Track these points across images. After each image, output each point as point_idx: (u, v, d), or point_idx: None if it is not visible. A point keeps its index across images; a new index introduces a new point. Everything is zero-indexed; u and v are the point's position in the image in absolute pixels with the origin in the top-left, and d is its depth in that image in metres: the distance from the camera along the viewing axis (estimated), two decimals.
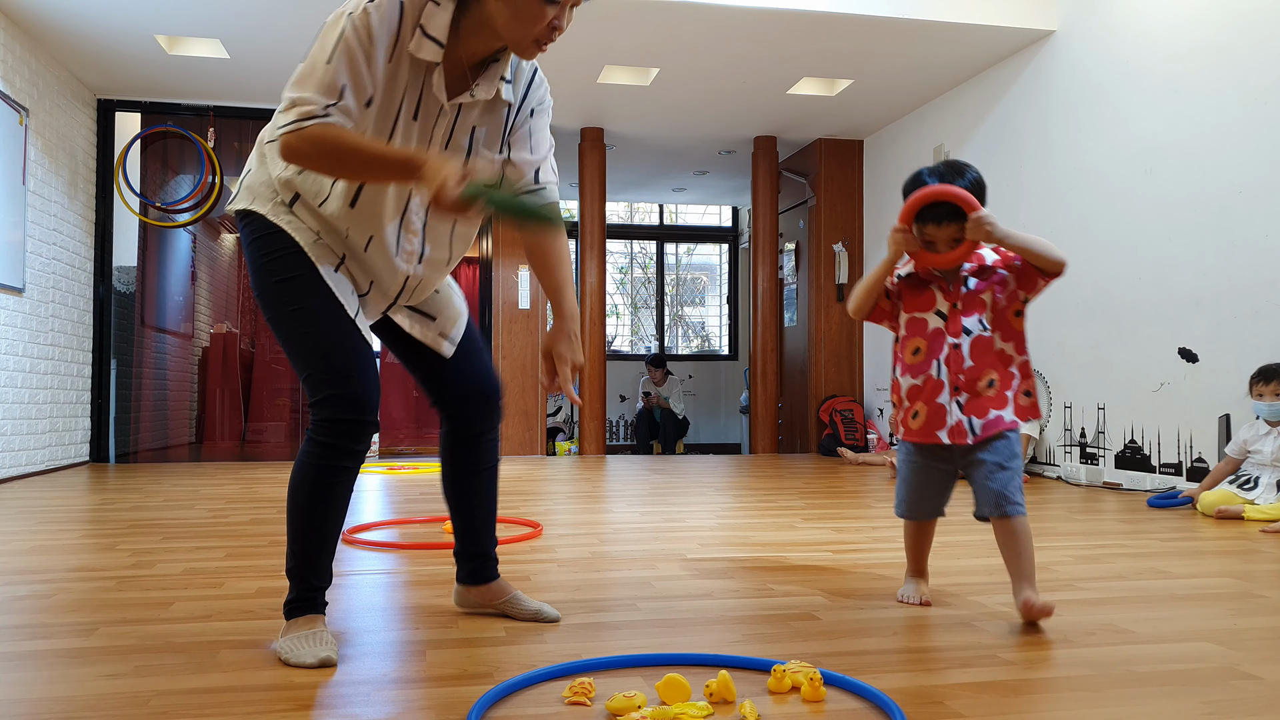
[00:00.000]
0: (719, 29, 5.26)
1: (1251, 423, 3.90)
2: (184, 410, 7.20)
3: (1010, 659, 1.74)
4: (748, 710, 1.41)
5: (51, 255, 5.65)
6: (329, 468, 1.74)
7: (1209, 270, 4.30)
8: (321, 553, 1.77)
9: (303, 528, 1.75)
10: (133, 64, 5.79)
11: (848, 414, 7.29)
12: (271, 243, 1.75)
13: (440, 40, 1.67)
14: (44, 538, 3.15)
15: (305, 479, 1.74)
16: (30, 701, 1.51)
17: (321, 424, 1.73)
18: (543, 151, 1.90)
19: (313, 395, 1.73)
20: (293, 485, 1.76)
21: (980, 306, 2.08)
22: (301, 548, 1.76)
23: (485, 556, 2.03)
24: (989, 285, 2.09)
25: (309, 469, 1.74)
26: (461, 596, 2.08)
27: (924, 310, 2.12)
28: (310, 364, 1.73)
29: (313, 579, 1.78)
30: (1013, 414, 2.05)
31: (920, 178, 2.08)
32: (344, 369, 1.73)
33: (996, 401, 2.06)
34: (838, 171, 7.58)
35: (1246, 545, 3.09)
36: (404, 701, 1.51)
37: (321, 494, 1.74)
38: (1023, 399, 2.08)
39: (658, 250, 10.97)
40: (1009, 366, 2.07)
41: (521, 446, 7.11)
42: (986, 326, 2.07)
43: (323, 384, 1.72)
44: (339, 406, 1.72)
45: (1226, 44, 4.24)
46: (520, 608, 2.02)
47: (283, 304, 1.75)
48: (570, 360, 1.86)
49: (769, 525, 3.48)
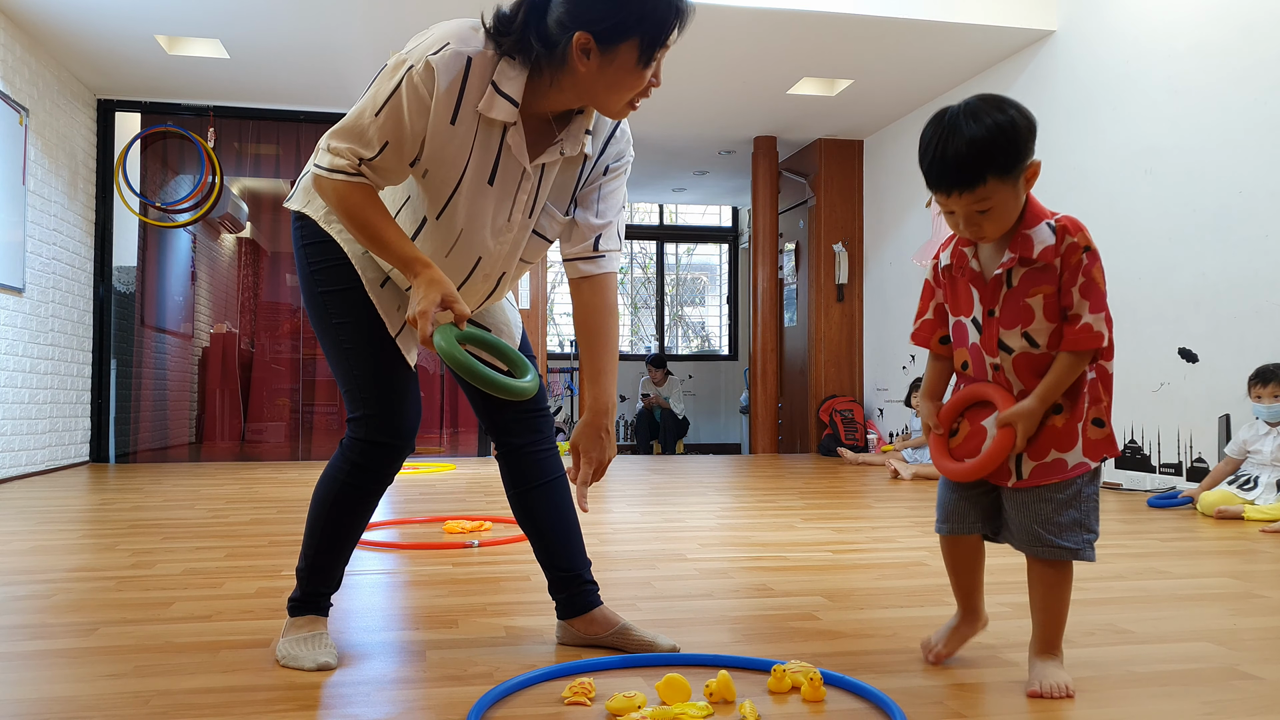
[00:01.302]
0: (719, 29, 5.26)
1: (1251, 423, 3.90)
2: (184, 410, 7.20)
3: (1010, 659, 1.74)
4: (748, 710, 1.41)
5: (51, 255, 5.64)
6: (356, 488, 1.71)
7: (1209, 270, 4.30)
8: (335, 563, 1.75)
9: (320, 537, 1.72)
10: (133, 64, 5.79)
11: (848, 414, 7.29)
12: (321, 251, 1.69)
13: (515, 99, 1.52)
14: (44, 538, 3.15)
15: (330, 493, 1.71)
16: (30, 701, 1.51)
17: (356, 443, 1.69)
18: (610, 215, 1.72)
19: (350, 411, 1.70)
20: (318, 494, 1.73)
21: (1025, 316, 1.52)
22: (315, 553, 1.73)
23: (577, 579, 1.82)
24: (1039, 284, 1.52)
25: (335, 484, 1.71)
26: (565, 632, 1.84)
27: (963, 314, 1.62)
28: (349, 380, 1.70)
29: (321, 585, 1.76)
30: (1081, 454, 1.54)
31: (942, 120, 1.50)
32: (383, 392, 1.68)
33: (1061, 438, 1.54)
34: (838, 171, 7.58)
35: (1246, 545, 3.09)
36: (404, 701, 1.51)
37: (345, 509, 1.72)
38: (1093, 430, 1.55)
39: (658, 250, 10.97)
40: (1078, 389, 1.54)
41: None
42: (1036, 342, 1.53)
43: (361, 402, 1.68)
44: (374, 429, 1.68)
45: (1226, 44, 4.24)
46: (632, 638, 1.78)
47: (327, 315, 1.70)
48: (598, 460, 1.72)
49: (769, 525, 3.48)
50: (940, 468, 1.62)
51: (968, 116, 1.47)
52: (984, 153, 1.45)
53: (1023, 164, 1.49)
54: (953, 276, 1.62)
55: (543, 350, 7.14)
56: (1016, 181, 1.49)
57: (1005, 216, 1.51)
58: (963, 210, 1.50)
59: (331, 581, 1.76)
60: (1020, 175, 1.49)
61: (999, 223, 1.51)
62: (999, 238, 1.54)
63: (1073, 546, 1.53)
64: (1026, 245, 1.51)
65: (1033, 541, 1.55)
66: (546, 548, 1.84)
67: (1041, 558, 1.55)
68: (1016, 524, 1.57)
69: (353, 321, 1.69)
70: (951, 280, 1.62)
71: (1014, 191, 1.49)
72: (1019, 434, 1.51)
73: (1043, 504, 1.54)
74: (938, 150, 1.48)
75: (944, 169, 1.48)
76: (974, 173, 1.46)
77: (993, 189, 1.47)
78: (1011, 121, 1.46)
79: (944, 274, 1.64)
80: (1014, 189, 1.49)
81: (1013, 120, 1.47)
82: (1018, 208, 1.52)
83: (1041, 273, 1.51)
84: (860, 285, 7.57)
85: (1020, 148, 1.47)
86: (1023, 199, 1.52)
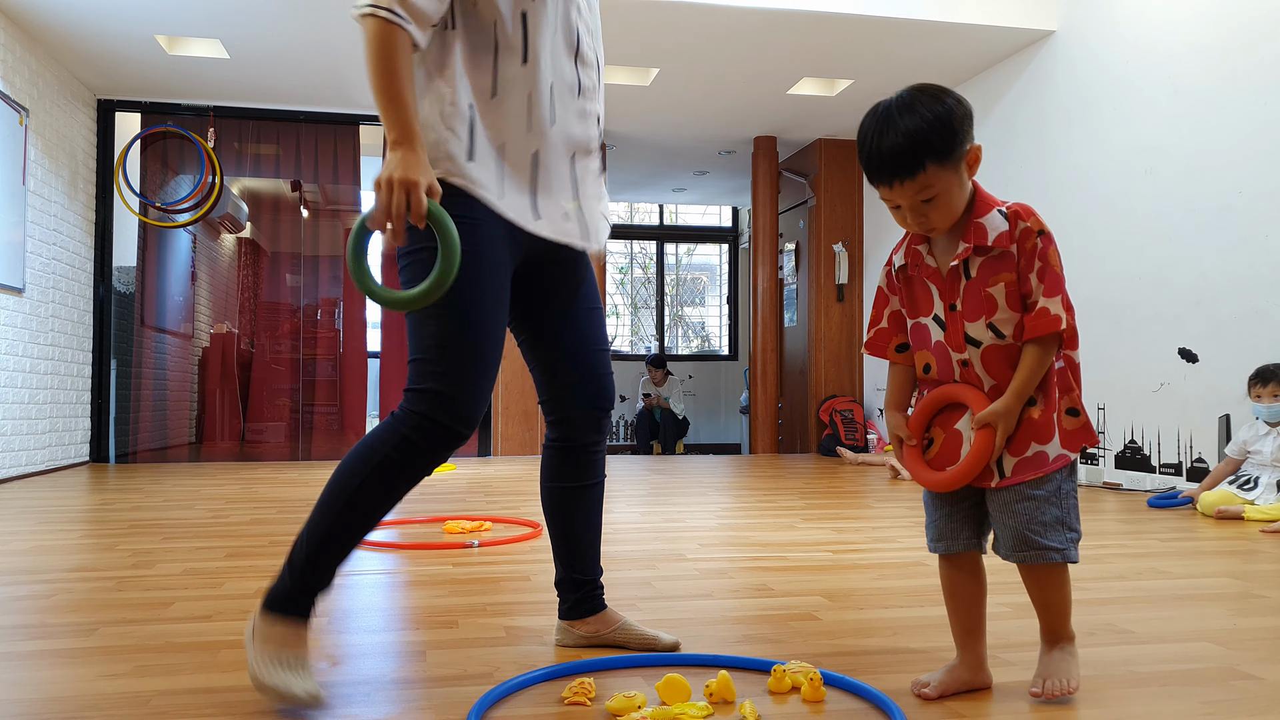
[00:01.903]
0: (719, 29, 5.26)
1: (1251, 423, 3.90)
2: (184, 410, 7.21)
3: (1010, 659, 1.74)
4: (748, 710, 1.41)
5: (51, 255, 5.64)
6: (399, 465, 1.51)
7: (1209, 270, 4.30)
8: (343, 553, 1.53)
9: (338, 517, 1.51)
10: (133, 64, 5.79)
11: (848, 414, 7.29)
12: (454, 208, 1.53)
13: None
14: (44, 538, 3.15)
15: (366, 464, 1.51)
16: (30, 701, 1.51)
17: (413, 416, 1.51)
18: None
19: (417, 382, 1.53)
20: (349, 466, 1.52)
21: (988, 306, 1.50)
22: (327, 539, 1.51)
23: (593, 584, 1.83)
24: (997, 272, 1.50)
25: (375, 455, 1.51)
26: (565, 633, 1.83)
27: (922, 314, 1.58)
28: (429, 343, 1.54)
29: (317, 581, 1.52)
30: (1060, 445, 1.50)
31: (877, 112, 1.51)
32: (465, 367, 1.54)
33: (1039, 430, 1.50)
34: (838, 171, 7.58)
35: (1246, 545, 3.09)
36: (404, 701, 1.51)
37: (379, 487, 1.51)
38: (1068, 420, 1.52)
39: (658, 250, 10.97)
40: (1048, 380, 1.51)
41: (521, 446, 7.11)
42: (1001, 333, 1.50)
43: (433, 375, 1.52)
44: (440, 408, 1.51)
45: (1226, 44, 4.24)
46: (633, 634, 1.81)
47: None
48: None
49: (769, 525, 3.48)
50: (920, 480, 1.57)
51: (901, 108, 1.46)
52: (921, 139, 1.44)
53: (961, 149, 1.47)
54: (908, 277, 1.59)
55: None
56: (958, 167, 1.47)
57: (951, 204, 1.49)
58: (907, 202, 1.48)
59: (329, 578, 1.53)
60: (960, 160, 1.47)
61: (945, 211, 1.49)
62: (950, 229, 1.52)
63: (1058, 547, 1.50)
64: (980, 233, 1.49)
65: (1019, 546, 1.51)
66: (571, 549, 1.82)
67: (1029, 563, 1.52)
68: (1002, 528, 1.54)
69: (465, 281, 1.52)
70: (907, 281, 1.60)
71: (956, 178, 1.48)
72: (999, 434, 1.48)
73: (1025, 503, 1.50)
74: (874, 143, 1.47)
75: (882, 160, 1.46)
76: (912, 160, 1.44)
77: (933, 175, 1.45)
78: (947, 109, 1.46)
79: (899, 276, 1.61)
80: (956, 174, 1.47)
81: (948, 107, 1.46)
82: (963, 195, 1.50)
83: (999, 260, 1.49)
84: (860, 285, 7.57)
85: (956, 132, 1.46)
86: (968, 186, 1.51)
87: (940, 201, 1.48)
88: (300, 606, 1.51)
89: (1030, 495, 1.50)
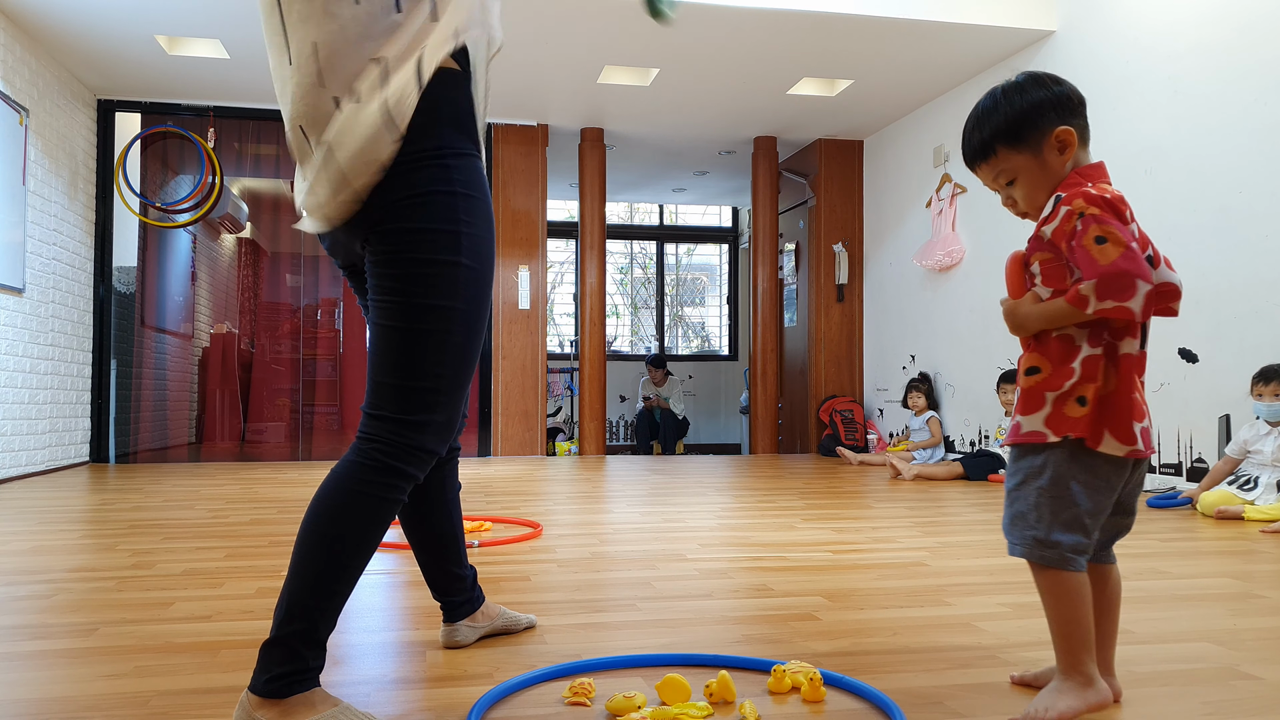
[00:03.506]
0: (719, 29, 5.26)
1: (1252, 423, 3.90)
2: (184, 410, 7.20)
3: (1010, 659, 1.74)
4: (748, 710, 1.41)
5: (51, 255, 5.65)
6: (396, 501, 1.37)
7: (1209, 270, 4.30)
8: (343, 601, 1.36)
9: (345, 567, 1.33)
10: (133, 64, 5.79)
11: (848, 414, 7.29)
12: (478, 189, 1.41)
13: None
14: (44, 538, 3.15)
15: (362, 511, 1.34)
16: (30, 701, 1.51)
17: (415, 454, 1.36)
18: None
19: (418, 413, 1.35)
20: (351, 518, 1.34)
21: (1029, 281, 1.50)
22: (333, 595, 1.33)
23: (474, 576, 1.84)
24: (1034, 251, 1.48)
25: (370, 500, 1.34)
26: (467, 634, 1.82)
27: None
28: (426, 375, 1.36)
29: (328, 632, 1.35)
30: (1041, 422, 1.42)
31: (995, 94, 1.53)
32: (465, 394, 1.41)
33: (1026, 400, 1.46)
34: (838, 171, 7.58)
35: (1246, 545, 3.09)
36: (404, 701, 1.51)
37: (377, 530, 1.36)
38: (1072, 407, 1.41)
39: (658, 250, 10.97)
40: (1068, 361, 1.42)
41: (521, 446, 7.11)
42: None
43: (442, 406, 1.37)
44: (439, 438, 1.38)
45: (1226, 44, 4.24)
46: (510, 619, 1.90)
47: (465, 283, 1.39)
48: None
49: (769, 525, 3.48)
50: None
51: (992, 94, 1.53)
52: (992, 125, 1.50)
53: (1039, 132, 1.47)
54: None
55: (543, 350, 7.14)
56: (1037, 151, 1.48)
57: (1031, 188, 1.50)
58: (990, 184, 1.55)
59: (333, 628, 1.37)
60: (1040, 144, 1.47)
61: (1026, 195, 1.51)
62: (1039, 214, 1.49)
63: (1013, 541, 1.44)
64: (1039, 226, 1.46)
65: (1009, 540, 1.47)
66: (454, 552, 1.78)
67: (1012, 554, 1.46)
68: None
69: (484, 298, 1.40)
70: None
71: (1036, 161, 1.48)
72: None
73: (1007, 480, 1.48)
74: (965, 129, 1.55)
75: (965, 144, 1.55)
76: (983, 144, 1.51)
77: (1005, 158, 1.50)
78: (1032, 97, 1.48)
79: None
80: (1035, 159, 1.48)
81: (1034, 95, 1.48)
82: (1046, 179, 1.49)
83: (1039, 241, 1.46)
84: (860, 285, 7.57)
85: (1035, 117, 1.47)
86: (1054, 170, 1.48)
87: (1020, 185, 1.51)
88: (318, 670, 1.35)
89: (1009, 472, 1.48)
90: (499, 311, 7.13)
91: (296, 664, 1.31)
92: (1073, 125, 1.48)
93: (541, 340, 7.15)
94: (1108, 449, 1.40)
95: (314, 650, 1.33)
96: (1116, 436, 1.41)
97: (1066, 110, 1.48)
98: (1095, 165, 1.50)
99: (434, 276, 1.35)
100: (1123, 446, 1.41)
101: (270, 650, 1.31)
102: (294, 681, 1.31)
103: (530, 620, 1.95)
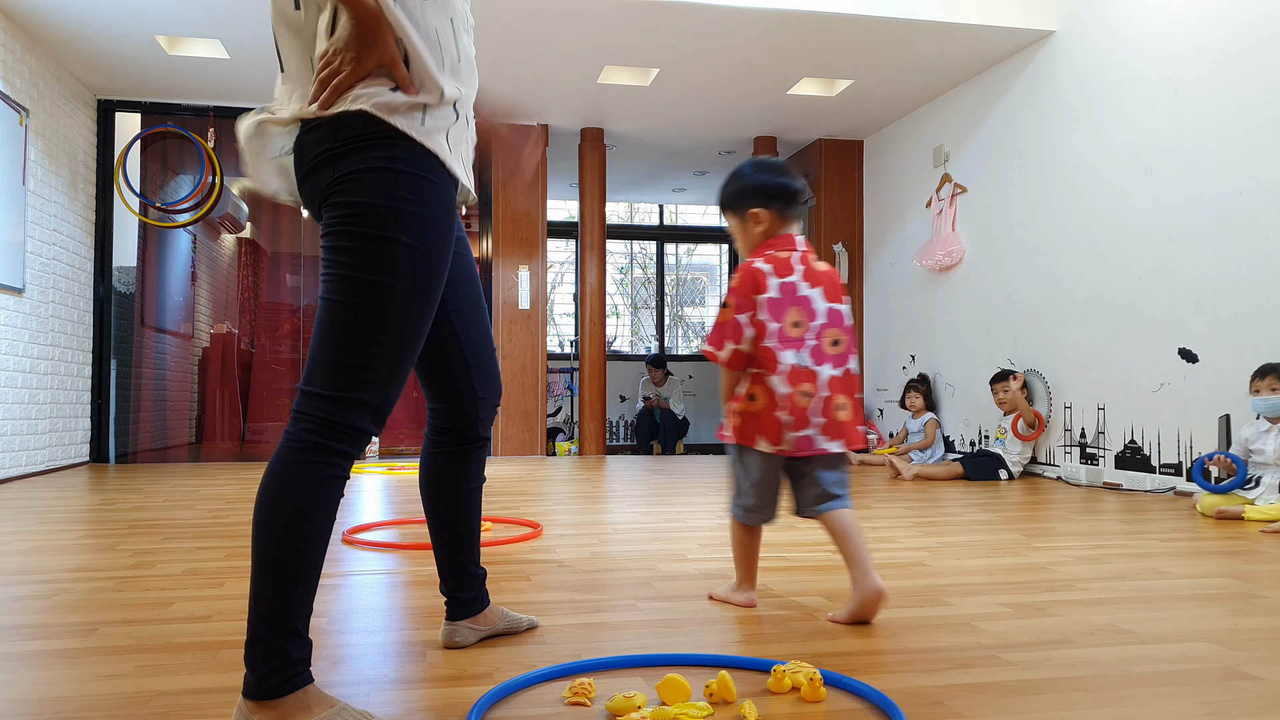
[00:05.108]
0: (719, 29, 5.26)
1: (1252, 421, 3.90)
2: (184, 410, 7.21)
3: (1010, 659, 1.74)
4: (748, 710, 1.41)
5: (51, 255, 5.65)
6: (337, 478, 1.36)
7: (1209, 270, 4.30)
8: (311, 588, 1.34)
9: (306, 553, 1.32)
10: (133, 64, 5.79)
11: None
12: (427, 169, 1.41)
13: None
14: (44, 538, 3.15)
15: (304, 494, 1.33)
16: (30, 701, 1.51)
17: (345, 431, 1.34)
18: None
19: (347, 390, 1.33)
20: (293, 502, 1.32)
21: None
22: (300, 581, 1.32)
23: (483, 577, 1.85)
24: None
25: (324, 482, 1.34)
26: (467, 635, 1.81)
27: None
28: (356, 351, 1.34)
29: (305, 623, 1.34)
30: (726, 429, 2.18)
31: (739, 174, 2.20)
32: (402, 377, 1.40)
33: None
34: (838, 171, 7.58)
35: (1246, 545, 3.09)
36: (404, 701, 1.51)
37: (333, 508, 1.36)
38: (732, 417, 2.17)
39: (658, 250, 10.97)
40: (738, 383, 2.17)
41: (521, 447, 7.11)
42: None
43: (374, 386, 1.35)
44: (369, 419, 1.36)
45: (1226, 45, 4.24)
46: (511, 621, 1.90)
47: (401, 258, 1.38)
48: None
49: (768, 525, 3.47)
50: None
51: (737, 167, 2.20)
52: (720, 192, 2.21)
53: (740, 207, 2.15)
54: None
55: (543, 350, 7.14)
56: (741, 219, 2.16)
57: (740, 243, 2.18)
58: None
59: (309, 615, 1.35)
60: (741, 214, 2.15)
61: (739, 248, 2.19)
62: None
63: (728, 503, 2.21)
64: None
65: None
66: (470, 547, 1.79)
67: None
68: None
69: (430, 280, 1.39)
70: None
71: (740, 226, 2.17)
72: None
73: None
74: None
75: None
76: (719, 203, 2.21)
77: (727, 217, 2.21)
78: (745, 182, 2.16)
79: None
80: (740, 224, 2.17)
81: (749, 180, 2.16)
82: (746, 240, 2.15)
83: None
84: (860, 285, 7.57)
85: (740, 195, 2.15)
86: (750, 235, 2.14)
87: (736, 238, 2.21)
88: (307, 664, 1.33)
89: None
90: (499, 311, 7.13)
91: (279, 659, 1.29)
92: (769, 208, 2.12)
93: (541, 340, 7.15)
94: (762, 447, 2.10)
95: (293, 641, 1.31)
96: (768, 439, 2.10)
97: (766, 196, 2.12)
98: (784, 236, 2.14)
99: (371, 251, 1.33)
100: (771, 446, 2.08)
101: (252, 651, 1.30)
102: (283, 678, 1.29)
103: (532, 621, 1.95)
